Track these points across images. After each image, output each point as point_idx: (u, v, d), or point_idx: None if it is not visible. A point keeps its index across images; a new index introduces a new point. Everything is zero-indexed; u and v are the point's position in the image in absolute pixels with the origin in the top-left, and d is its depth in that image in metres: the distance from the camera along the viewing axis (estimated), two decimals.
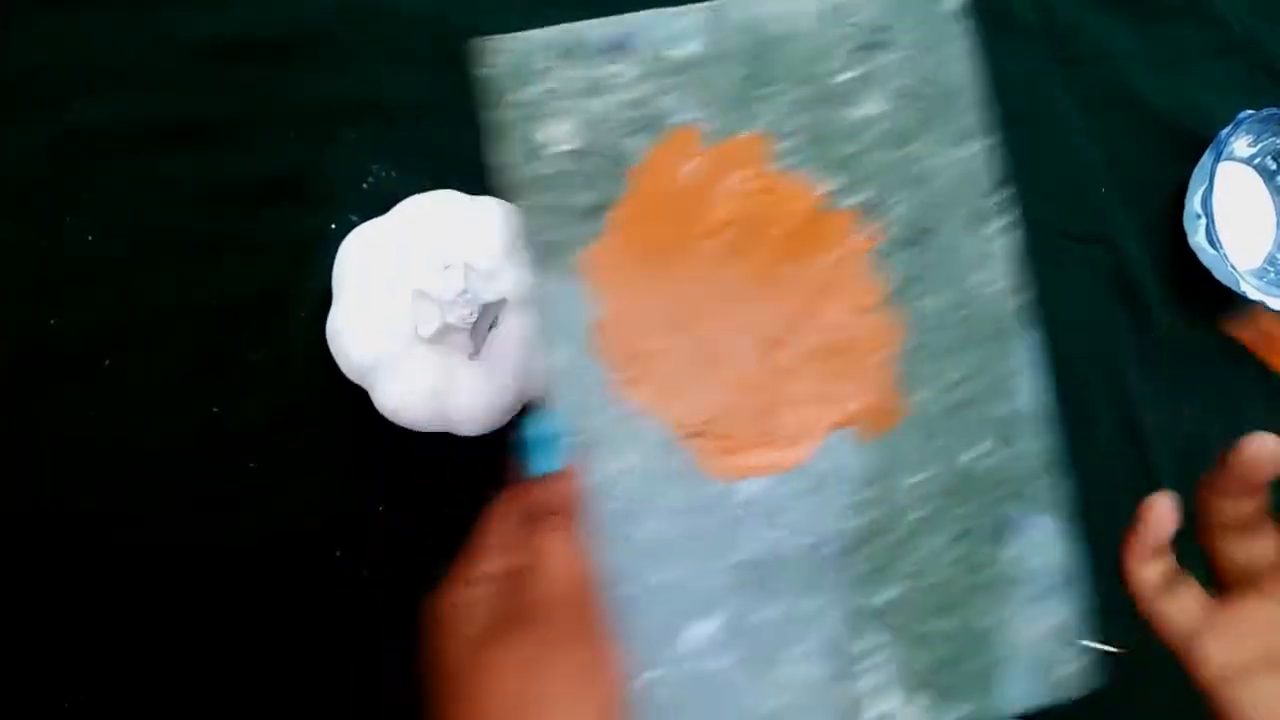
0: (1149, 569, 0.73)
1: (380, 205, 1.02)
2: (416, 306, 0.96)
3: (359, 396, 1.01)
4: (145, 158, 1.05)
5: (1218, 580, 0.75)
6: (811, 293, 0.78)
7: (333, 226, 1.07)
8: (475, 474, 1.09)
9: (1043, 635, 0.79)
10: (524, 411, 1.03)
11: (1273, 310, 1.30)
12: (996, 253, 0.80)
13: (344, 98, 1.10)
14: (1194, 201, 1.32)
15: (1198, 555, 0.74)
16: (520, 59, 0.80)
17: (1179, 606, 0.72)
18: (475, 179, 1.06)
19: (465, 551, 0.78)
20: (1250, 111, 1.32)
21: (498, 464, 1.10)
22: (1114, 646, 0.91)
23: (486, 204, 1.01)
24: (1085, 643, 0.80)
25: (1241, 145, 1.39)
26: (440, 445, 1.05)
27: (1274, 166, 1.39)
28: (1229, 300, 1.34)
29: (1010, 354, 0.80)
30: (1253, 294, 1.30)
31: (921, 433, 0.79)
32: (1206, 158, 1.33)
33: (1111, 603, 0.79)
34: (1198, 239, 1.31)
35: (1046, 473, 0.80)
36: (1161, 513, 0.72)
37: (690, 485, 0.77)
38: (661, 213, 0.77)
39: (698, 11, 0.77)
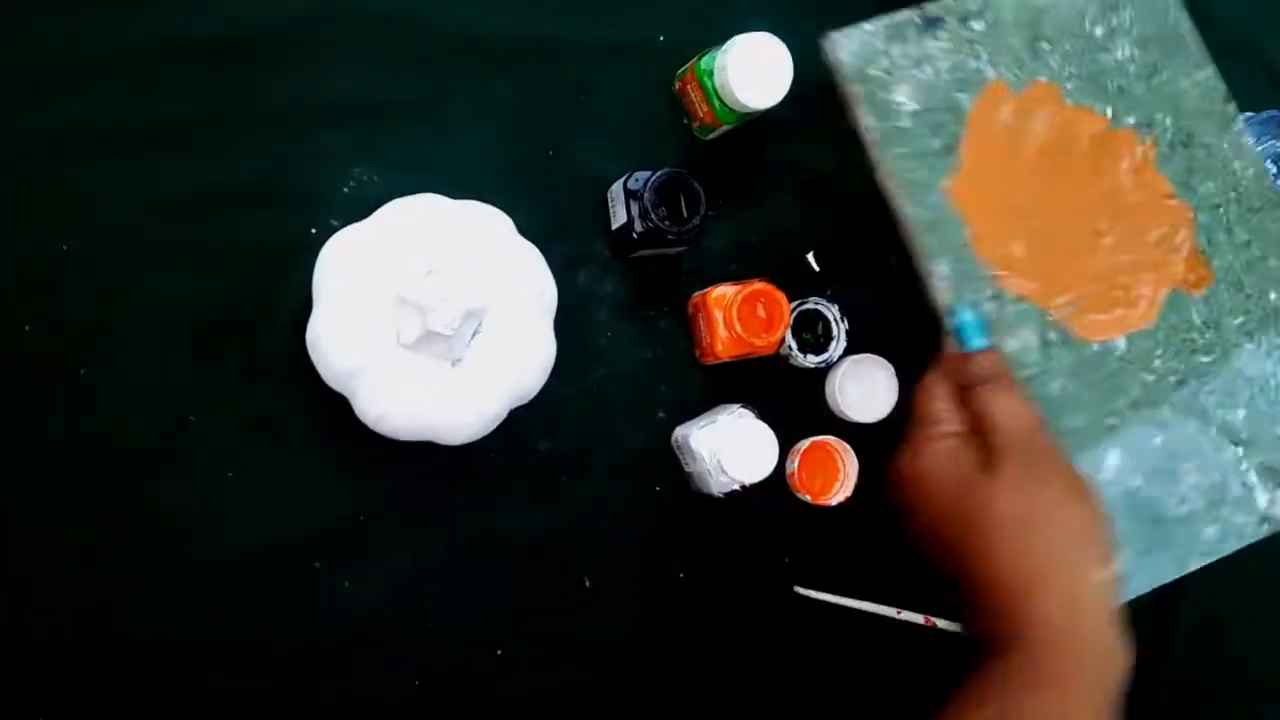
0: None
1: (361, 209, 1.03)
2: (398, 313, 0.96)
3: (340, 405, 1.02)
4: (119, 162, 1.05)
5: None
6: (1118, 192, 1.11)
7: (312, 231, 1.08)
8: (459, 484, 1.11)
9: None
10: (509, 419, 1.04)
11: None
12: (1245, 145, 1.16)
13: (323, 99, 1.11)
14: None
15: None
16: (862, 45, 1.08)
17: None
18: (458, 181, 1.08)
19: (916, 424, 1.00)
20: (1249, 114, 1.32)
21: (482, 474, 1.12)
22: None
23: (470, 207, 1.02)
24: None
25: None
26: (423, 455, 1.06)
27: (1274, 170, 1.40)
28: None
29: (1278, 219, 1.15)
30: None
31: (1233, 286, 1.13)
32: None
33: None
34: None
35: None
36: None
37: (1076, 349, 1.08)
38: (994, 148, 1.09)
39: None
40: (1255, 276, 1.13)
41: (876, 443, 1.16)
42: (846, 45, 1.08)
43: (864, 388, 1.19)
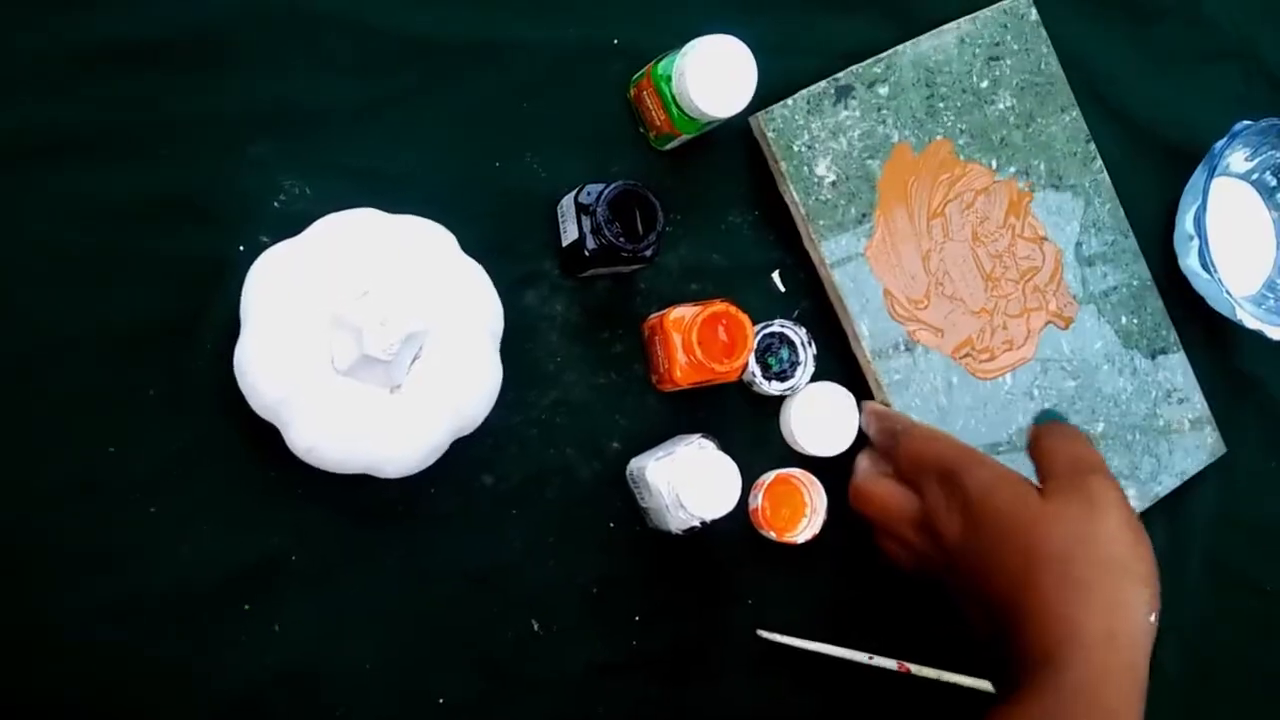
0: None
1: (292, 224, 1.04)
2: (333, 336, 0.97)
3: (270, 435, 1.03)
4: (31, 174, 1.05)
5: None
6: (1003, 239, 1.31)
7: (240, 248, 1.08)
8: (398, 520, 1.13)
9: (1186, 427, 1.38)
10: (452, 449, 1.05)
11: (1272, 340, 1.34)
12: (1104, 182, 1.36)
13: (251, 106, 1.11)
14: (1185, 221, 1.35)
15: None
16: (785, 121, 1.23)
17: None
18: (397, 195, 1.09)
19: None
20: (1247, 122, 1.35)
21: (423, 509, 1.13)
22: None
23: (410, 223, 1.03)
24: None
25: (1238, 159, 1.43)
26: (360, 488, 1.07)
27: (1273, 182, 1.43)
28: (1223, 327, 1.39)
29: (1132, 249, 1.37)
30: (1250, 322, 1.33)
31: (1093, 315, 1.34)
32: (1199, 173, 1.36)
33: None
34: (1189, 262, 1.35)
35: (1169, 324, 1.38)
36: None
37: (974, 388, 1.29)
38: (901, 209, 1.27)
39: (881, 59, 1.27)
40: (1110, 304, 1.35)
41: (846, 476, 1.19)
42: (772, 123, 1.21)
43: (821, 419, 1.22)
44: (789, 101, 1.23)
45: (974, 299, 1.29)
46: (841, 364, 1.26)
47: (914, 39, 1.29)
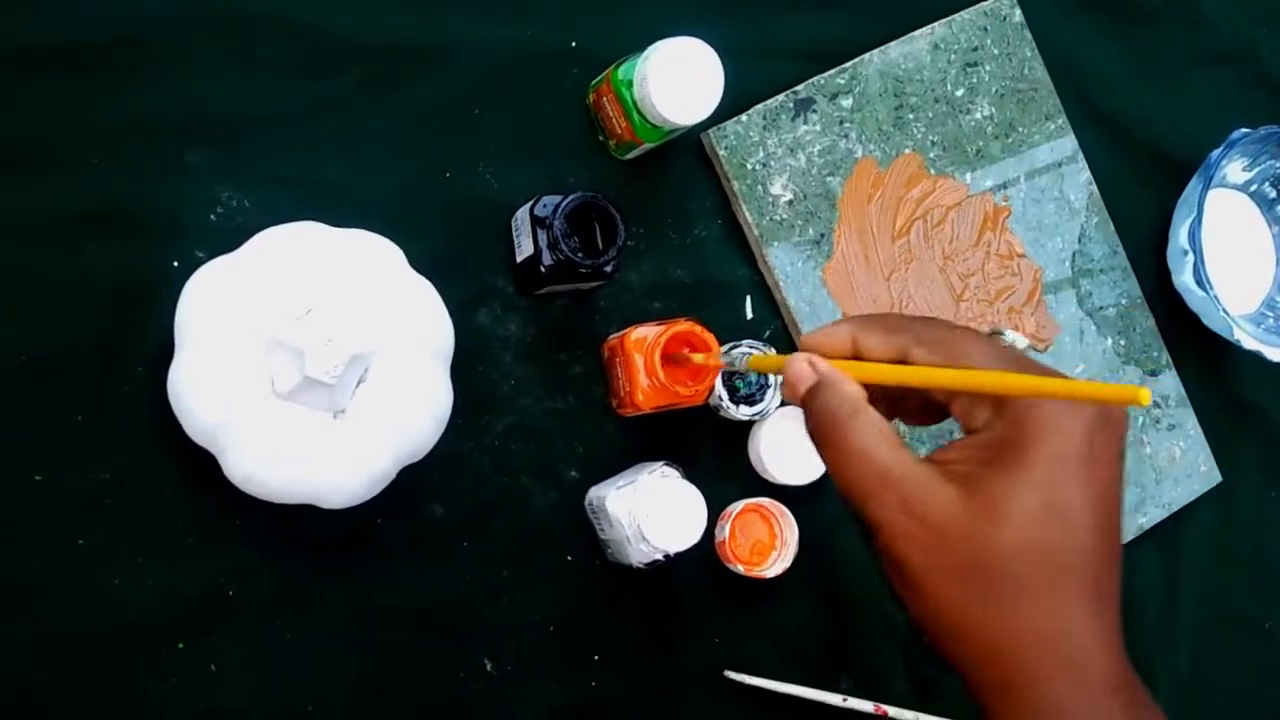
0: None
1: (230, 238, 1.04)
2: (273, 358, 0.98)
3: (206, 463, 1.03)
4: None
5: None
6: (976, 258, 1.34)
7: (174, 265, 1.09)
8: (342, 553, 1.14)
9: (1178, 455, 1.41)
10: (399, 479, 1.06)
11: (1270, 361, 1.36)
12: (1093, 195, 1.39)
13: (185, 112, 1.12)
14: (1180, 235, 1.37)
15: None
16: (739, 138, 1.26)
17: None
18: (342, 207, 1.11)
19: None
20: (1245, 130, 1.37)
21: (368, 541, 1.14)
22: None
23: (353, 237, 1.04)
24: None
25: (1235, 169, 1.45)
26: (301, 519, 1.08)
27: (1272, 194, 1.46)
28: (1219, 348, 1.41)
29: (1122, 266, 1.40)
30: (1248, 343, 1.35)
31: (1075, 335, 1.37)
32: (1194, 184, 1.38)
33: None
34: (1184, 279, 1.37)
35: (1160, 345, 1.41)
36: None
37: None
38: (863, 229, 1.30)
39: (845, 69, 1.30)
40: (1095, 323, 1.38)
41: (819, 506, 1.20)
42: (724, 140, 1.25)
43: (791, 445, 1.24)
44: (743, 117, 1.26)
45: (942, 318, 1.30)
46: None
47: (881, 46, 1.32)
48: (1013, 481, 0.75)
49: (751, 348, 1.23)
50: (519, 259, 1.18)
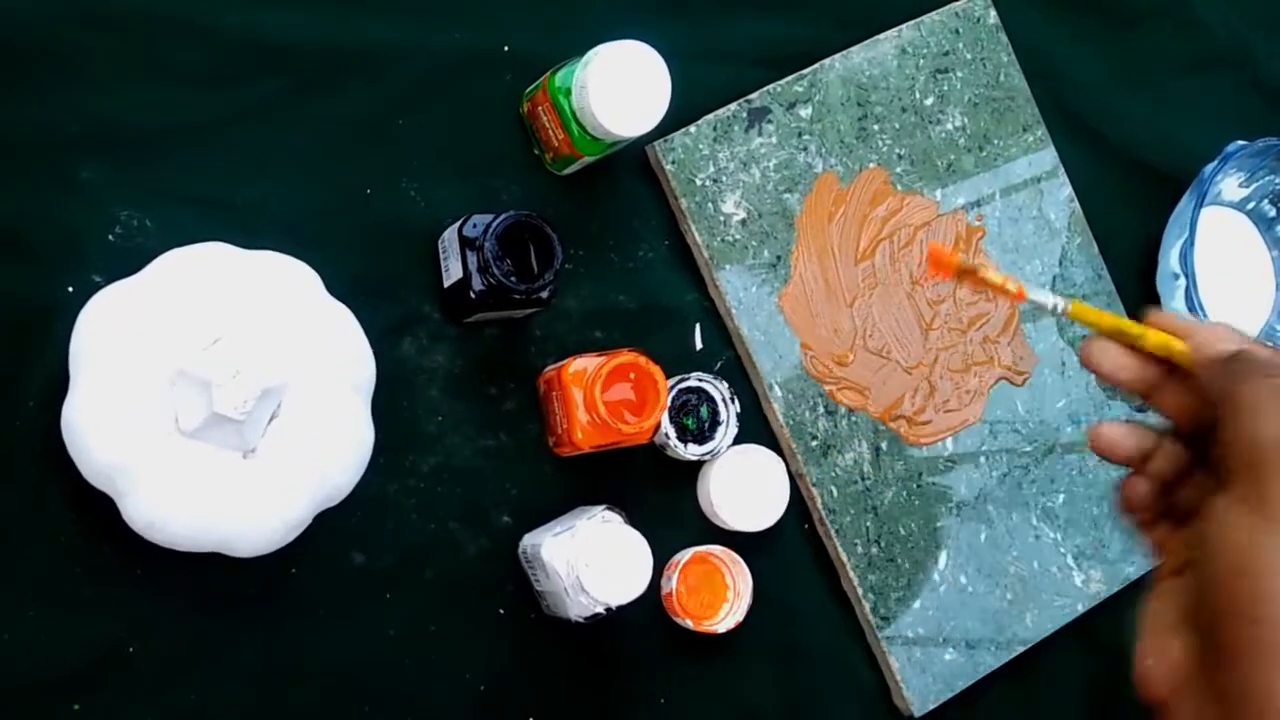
0: None
1: (130, 261, 1.05)
2: (177, 391, 0.98)
3: (105, 507, 1.04)
4: None
5: None
6: (948, 283, 1.34)
7: (69, 290, 1.10)
8: (253, 606, 1.15)
9: None
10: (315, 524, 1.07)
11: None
12: (1075, 213, 1.42)
13: (80, 124, 1.13)
14: (1170, 257, 1.39)
15: None
16: (687, 151, 1.28)
17: None
18: (253, 227, 1.13)
19: None
20: (1241, 142, 1.39)
21: (282, 593, 1.16)
22: None
23: (265, 260, 1.05)
24: None
25: (1231, 185, 1.47)
26: (209, 570, 1.09)
27: (1272, 213, 1.49)
28: None
29: (1107, 291, 1.42)
30: None
31: (1055, 368, 1.39)
32: (1186, 201, 1.41)
33: None
34: (1175, 305, 1.38)
35: None
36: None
37: (906, 456, 1.34)
38: (823, 251, 1.32)
39: (803, 76, 1.33)
40: (1077, 354, 1.24)
41: (774, 554, 1.24)
42: (671, 154, 1.27)
43: (745, 488, 1.25)
44: (692, 129, 1.29)
45: (909, 353, 1.34)
46: (770, 424, 1.31)
47: (843, 50, 1.34)
48: None
49: (702, 380, 1.25)
50: (446, 284, 1.19)
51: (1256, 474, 0.75)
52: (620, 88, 1.14)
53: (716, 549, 1.24)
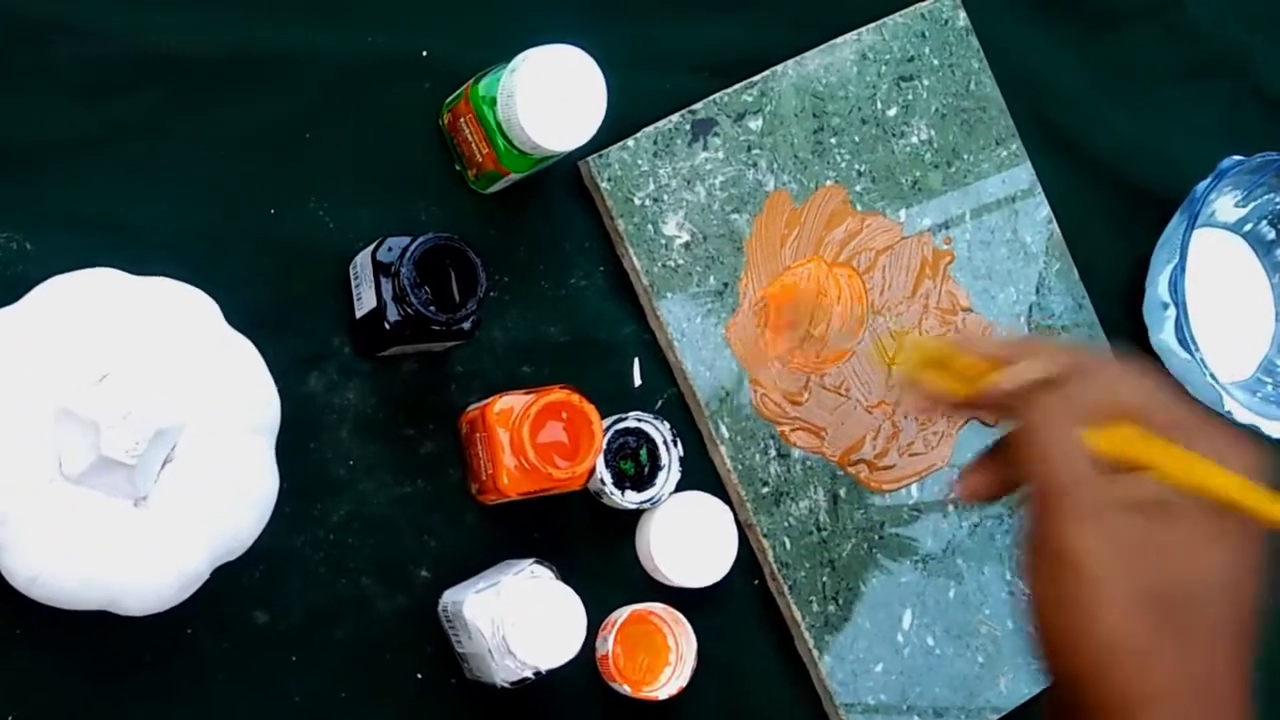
0: None
1: (7, 290, 1.06)
2: (60, 433, 0.99)
3: None
4: None
5: None
6: (914, 312, 1.38)
7: None
8: (145, 669, 1.16)
9: None
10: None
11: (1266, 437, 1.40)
12: (1054, 235, 1.44)
13: None
14: (1159, 285, 1.41)
15: None
16: (625, 168, 1.30)
17: None
18: (144, 251, 1.13)
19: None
20: (1237, 158, 1.41)
21: (177, 655, 1.16)
22: None
23: (158, 287, 1.06)
24: None
25: (1225, 205, 1.50)
26: (96, 629, 1.10)
27: (1271, 235, 1.51)
28: None
29: (1089, 321, 1.44)
30: (1241, 415, 1.39)
31: None
32: (1176, 223, 1.42)
33: None
34: (1164, 337, 1.41)
35: None
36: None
37: (866, 504, 1.35)
38: (775, 278, 1.34)
39: (753, 84, 1.34)
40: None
41: (721, 613, 1.26)
42: (606, 170, 1.29)
43: (689, 539, 1.27)
44: (630, 142, 1.30)
45: (869, 390, 1.36)
46: (717, 469, 1.33)
47: (797, 56, 1.36)
48: None
49: (641, 421, 1.27)
50: (359, 314, 1.20)
51: (1037, 513, 0.94)
52: (551, 97, 1.15)
53: (657, 607, 1.25)
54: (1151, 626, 0.89)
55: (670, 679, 1.25)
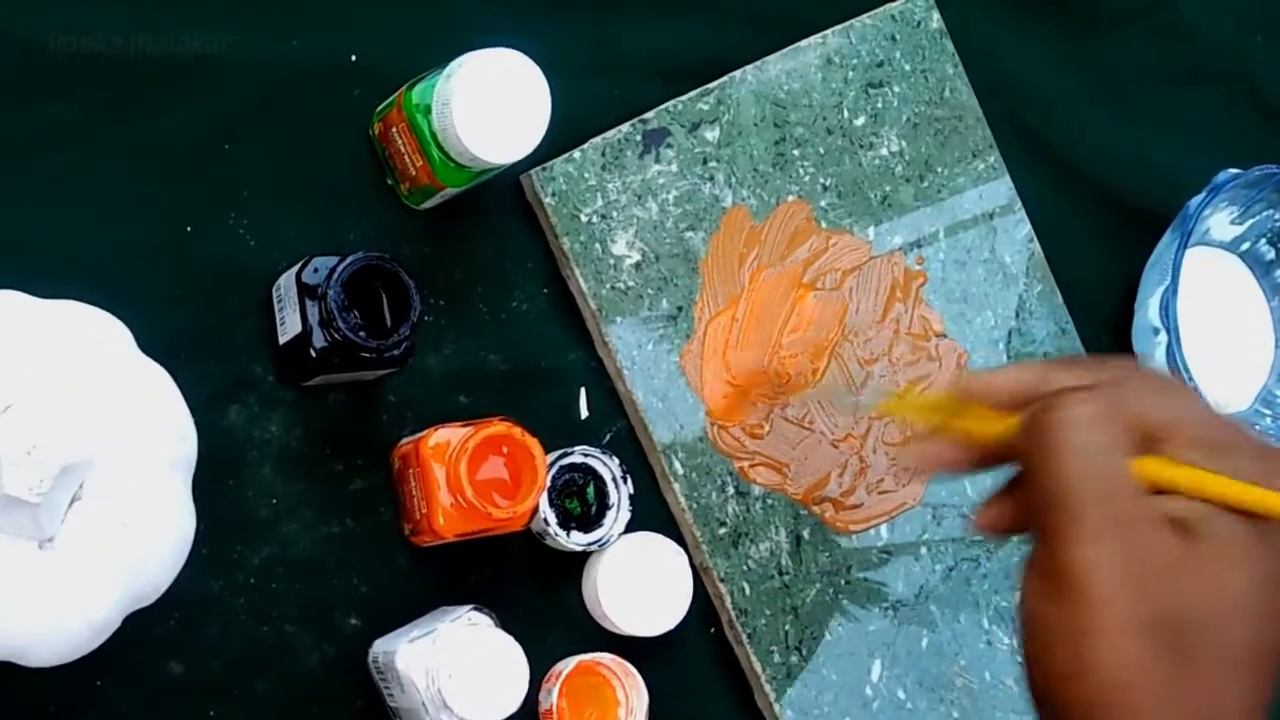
0: None
1: None
2: None
3: None
4: None
5: None
6: (880, 339, 1.38)
7: None
8: None
9: None
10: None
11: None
12: (1035, 255, 1.45)
13: None
14: (1149, 308, 1.42)
15: None
16: (570, 182, 1.30)
17: None
18: (47, 272, 1.13)
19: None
20: (1233, 171, 1.42)
21: (86, 709, 1.17)
22: None
23: (65, 311, 1.06)
24: None
25: (1221, 222, 1.51)
26: None
27: (1270, 254, 1.53)
28: None
29: (1073, 348, 1.44)
30: None
31: None
32: (1168, 241, 1.43)
33: None
34: (1155, 363, 1.40)
35: None
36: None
37: (832, 546, 1.36)
38: (732, 300, 1.35)
39: (709, 91, 1.36)
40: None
41: (673, 663, 1.27)
42: (550, 184, 1.30)
43: (640, 584, 1.28)
44: (576, 154, 1.31)
45: (836, 423, 1.37)
46: (670, 508, 1.34)
47: (757, 61, 1.37)
48: None
49: (588, 456, 1.27)
50: (282, 340, 1.21)
51: (1045, 533, 0.94)
52: (490, 105, 1.15)
53: (605, 658, 1.26)
54: (1154, 655, 0.90)
55: None
